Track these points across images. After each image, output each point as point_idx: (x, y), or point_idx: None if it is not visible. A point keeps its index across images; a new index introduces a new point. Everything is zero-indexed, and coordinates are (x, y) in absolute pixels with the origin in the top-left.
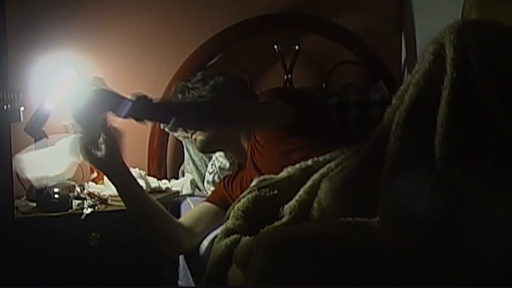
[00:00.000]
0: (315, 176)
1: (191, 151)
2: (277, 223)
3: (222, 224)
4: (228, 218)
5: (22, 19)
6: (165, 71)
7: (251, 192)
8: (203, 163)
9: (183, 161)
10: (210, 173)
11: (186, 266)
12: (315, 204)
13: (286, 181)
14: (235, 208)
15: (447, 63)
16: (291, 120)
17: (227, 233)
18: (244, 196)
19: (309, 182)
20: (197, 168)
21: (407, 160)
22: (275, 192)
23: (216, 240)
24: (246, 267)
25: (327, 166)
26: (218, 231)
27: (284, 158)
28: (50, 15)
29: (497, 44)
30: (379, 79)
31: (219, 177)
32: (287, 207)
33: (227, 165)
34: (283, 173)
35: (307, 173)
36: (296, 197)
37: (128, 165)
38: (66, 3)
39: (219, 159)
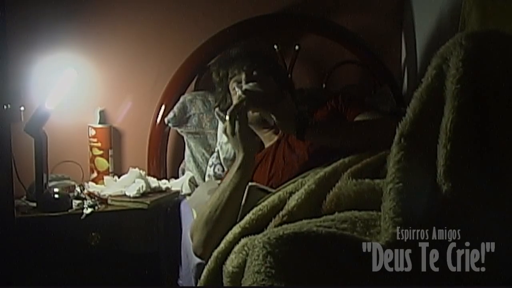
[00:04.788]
0: (328, 168)
1: (193, 147)
2: (282, 212)
3: None
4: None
5: (22, 19)
6: (165, 71)
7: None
8: (204, 159)
9: (183, 159)
10: (210, 166)
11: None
12: (333, 191)
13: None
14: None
15: (450, 78)
16: None
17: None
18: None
19: (321, 173)
20: (197, 165)
21: (411, 169)
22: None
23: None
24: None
25: (340, 161)
26: None
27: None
28: (50, 15)
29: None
30: (383, 82)
31: (222, 169)
32: (295, 196)
33: (232, 154)
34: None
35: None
36: (305, 187)
37: (128, 165)
38: (66, 4)
39: (224, 148)
